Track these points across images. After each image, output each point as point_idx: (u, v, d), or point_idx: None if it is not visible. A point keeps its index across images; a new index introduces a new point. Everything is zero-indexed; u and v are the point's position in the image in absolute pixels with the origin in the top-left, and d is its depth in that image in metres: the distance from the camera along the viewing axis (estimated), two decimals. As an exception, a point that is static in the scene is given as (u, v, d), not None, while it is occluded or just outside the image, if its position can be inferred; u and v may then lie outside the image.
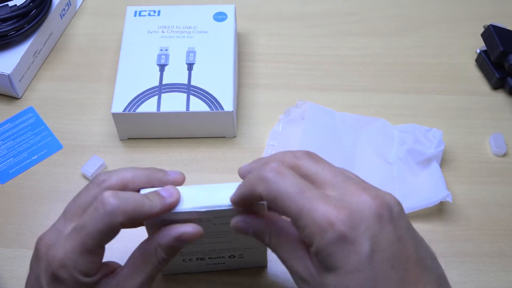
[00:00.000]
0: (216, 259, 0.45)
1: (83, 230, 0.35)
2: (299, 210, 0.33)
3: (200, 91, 0.55)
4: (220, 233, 0.40)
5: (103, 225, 0.35)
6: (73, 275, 0.36)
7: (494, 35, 0.59)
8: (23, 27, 0.59)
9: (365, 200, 0.33)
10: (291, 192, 0.33)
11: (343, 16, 0.68)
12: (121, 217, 0.35)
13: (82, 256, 0.36)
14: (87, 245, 0.35)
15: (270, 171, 0.34)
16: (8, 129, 0.58)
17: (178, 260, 0.44)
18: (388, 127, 0.57)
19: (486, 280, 0.48)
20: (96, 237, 0.35)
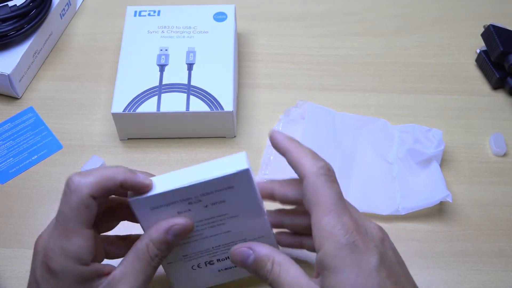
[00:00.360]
0: (225, 261, 0.43)
1: (61, 215, 0.37)
2: (330, 209, 0.36)
3: (200, 91, 0.55)
4: (216, 219, 0.40)
5: (74, 203, 0.36)
6: (64, 262, 0.36)
7: (494, 35, 0.59)
8: (23, 27, 0.59)
9: (373, 225, 0.38)
10: (332, 196, 0.37)
11: (343, 16, 0.68)
12: (85, 189, 0.36)
13: (67, 240, 0.36)
14: (68, 228, 0.36)
15: (328, 168, 0.38)
16: (8, 129, 0.58)
17: (187, 269, 0.43)
18: (388, 127, 0.57)
19: (486, 280, 0.49)
20: (72, 217, 0.36)
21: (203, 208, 0.39)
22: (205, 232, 0.41)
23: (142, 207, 0.39)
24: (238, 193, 0.39)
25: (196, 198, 0.39)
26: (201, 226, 0.41)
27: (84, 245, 0.36)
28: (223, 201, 0.39)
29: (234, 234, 0.42)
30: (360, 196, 0.52)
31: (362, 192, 0.53)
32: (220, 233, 0.41)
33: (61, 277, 0.36)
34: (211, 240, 0.42)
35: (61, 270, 0.36)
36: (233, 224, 0.41)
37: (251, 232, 0.42)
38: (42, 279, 0.37)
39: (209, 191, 0.39)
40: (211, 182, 0.38)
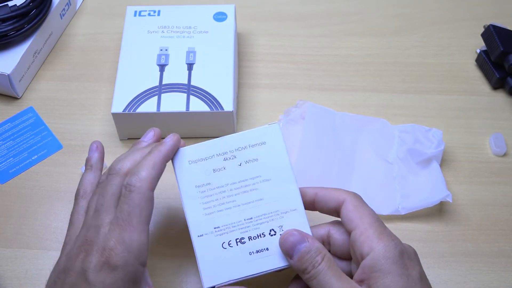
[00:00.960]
0: (257, 240, 0.42)
1: (124, 214, 0.38)
2: (373, 222, 0.40)
3: (200, 91, 0.55)
4: (249, 183, 0.42)
5: (137, 199, 0.38)
6: (126, 258, 0.37)
7: (494, 35, 0.59)
8: (23, 27, 0.59)
9: (405, 243, 0.40)
10: (372, 213, 0.41)
11: (343, 16, 0.68)
12: (145, 185, 0.39)
13: (130, 236, 0.37)
14: (132, 224, 0.38)
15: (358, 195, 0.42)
16: (8, 129, 0.58)
17: (217, 247, 0.41)
18: (388, 127, 0.57)
19: (486, 280, 0.49)
20: (136, 213, 0.38)
21: (237, 167, 0.42)
22: (238, 199, 0.42)
23: (180, 160, 0.42)
24: (270, 151, 0.42)
25: (231, 154, 0.42)
26: (235, 190, 0.42)
27: (145, 242, 0.38)
28: (256, 159, 0.42)
29: (267, 204, 0.42)
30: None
31: (362, 192, 0.52)
32: (253, 201, 0.42)
33: (120, 272, 0.37)
34: (243, 210, 0.42)
35: (124, 264, 0.37)
36: (266, 190, 0.42)
37: (284, 203, 0.42)
38: (96, 277, 0.37)
39: (243, 146, 0.42)
40: (245, 135, 0.43)
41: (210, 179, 0.42)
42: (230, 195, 0.42)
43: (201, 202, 0.42)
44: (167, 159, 0.41)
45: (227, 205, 0.42)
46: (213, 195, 0.42)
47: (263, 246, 0.41)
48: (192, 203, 0.42)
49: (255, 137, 0.43)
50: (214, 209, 0.42)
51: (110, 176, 0.41)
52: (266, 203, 0.42)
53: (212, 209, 0.42)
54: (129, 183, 0.39)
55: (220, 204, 0.42)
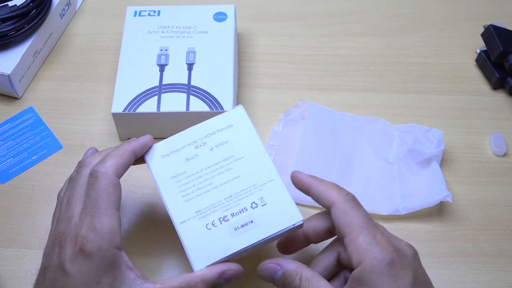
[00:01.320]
0: (240, 215, 0.42)
1: (90, 201, 0.39)
2: (363, 228, 0.39)
3: (200, 91, 0.55)
4: (223, 164, 0.43)
5: (103, 185, 0.39)
6: (99, 244, 0.37)
7: (494, 35, 0.59)
8: (23, 27, 0.59)
9: (404, 243, 0.40)
10: (362, 217, 0.40)
11: (343, 16, 0.68)
12: (110, 170, 0.40)
13: (100, 221, 0.38)
14: (100, 210, 0.38)
15: (349, 195, 0.41)
16: (8, 129, 0.58)
17: (202, 229, 0.41)
18: (388, 127, 0.57)
19: (486, 280, 0.49)
20: (104, 198, 0.38)
21: (209, 152, 0.43)
22: (214, 181, 0.42)
23: (153, 156, 0.44)
24: (238, 132, 0.44)
25: (201, 141, 0.44)
26: (210, 174, 0.43)
27: (116, 226, 0.38)
28: (226, 141, 0.44)
29: (243, 180, 0.43)
30: (360, 196, 0.52)
31: (362, 192, 0.53)
32: (230, 180, 0.43)
33: (96, 259, 0.37)
34: (222, 190, 0.42)
35: (98, 250, 0.37)
36: (241, 168, 0.43)
37: (260, 176, 0.43)
38: (73, 266, 0.37)
39: (212, 132, 0.44)
40: (212, 122, 0.44)
41: (184, 168, 0.43)
42: (206, 178, 0.43)
43: (179, 191, 0.42)
44: (136, 152, 0.42)
45: (204, 188, 0.42)
46: (190, 182, 0.43)
47: (247, 220, 0.42)
48: (170, 194, 0.42)
49: (221, 121, 0.45)
50: (192, 195, 0.42)
51: (79, 169, 0.42)
52: (243, 179, 0.43)
53: (190, 195, 0.42)
54: (95, 170, 0.40)
55: (198, 189, 0.42)
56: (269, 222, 0.41)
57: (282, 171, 0.54)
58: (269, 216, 0.42)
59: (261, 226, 0.41)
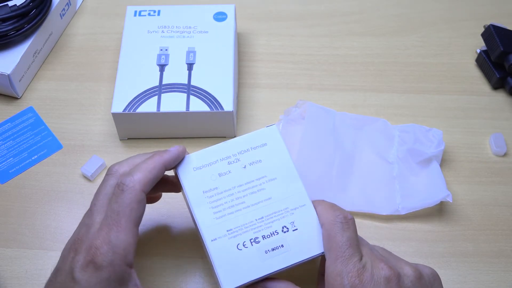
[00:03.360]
0: (271, 238, 0.41)
1: (112, 213, 0.38)
2: (338, 257, 0.39)
3: (200, 91, 0.55)
4: (255, 184, 0.43)
5: (127, 200, 0.38)
6: (111, 258, 0.37)
7: (494, 35, 0.59)
8: (23, 27, 0.59)
9: (381, 267, 0.39)
10: (343, 243, 0.39)
11: (343, 16, 0.68)
12: (138, 186, 0.39)
13: (117, 236, 0.37)
14: (120, 224, 0.38)
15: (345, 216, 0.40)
16: (8, 129, 0.58)
17: (232, 249, 0.41)
18: (388, 127, 0.57)
19: (486, 280, 0.49)
20: (126, 213, 0.38)
21: (242, 169, 0.43)
22: (247, 200, 0.42)
23: (185, 168, 0.43)
24: (272, 152, 0.44)
25: (235, 157, 0.43)
26: (243, 192, 0.42)
27: (132, 243, 0.38)
28: (260, 160, 0.43)
29: (276, 203, 0.42)
30: (360, 196, 0.52)
31: (362, 192, 0.53)
32: (262, 201, 0.42)
33: (105, 272, 0.37)
34: (254, 210, 0.42)
35: (108, 265, 0.37)
36: (273, 189, 0.43)
37: (292, 200, 0.43)
38: (82, 275, 0.37)
39: (246, 148, 0.44)
40: (246, 138, 0.44)
41: (216, 183, 0.42)
42: (239, 197, 0.42)
43: (210, 207, 0.42)
44: (166, 166, 0.41)
45: (237, 207, 0.42)
46: (222, 199, 0.42)
47: (278, 243, 0.41)
48: (201, 209, 0.42)
49: (256, 139, 0.44)
50: (224, 212, 0.42)
51: (107, 177, 0.41)
52: (275, 202, 0.42)
53: (222, 212, 0.42)
54: (122, 182, 0.39)
55: (230, 207, 0.42)
56: (299, 248, 0.41)
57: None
58: (299, 242, 0.41)
59: (291, 251, 0.41)
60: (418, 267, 0.40)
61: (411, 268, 0.39)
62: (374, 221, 0.52)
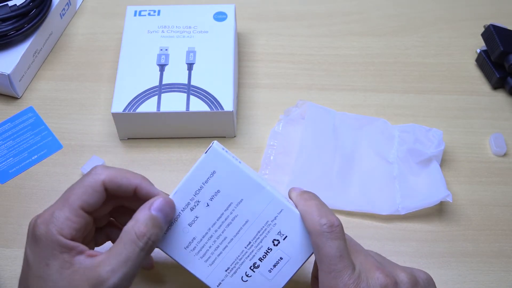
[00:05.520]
0: (268, 256, 0.42)
1: (68, 191, 0.38)
2: (329, 272, 0.38)
3: (200, 91, 0.55)
4: (226, 214, 0.41)
5: (86, 182, 0.38)
6: (48, 228, 0.36)
7: (494, 35, 0.59)
8: (23, 27, 0.59)
9: (377, 276, 0.38)
10: (332, 255, 0.38)
11: (343, 16, 0.68)
12: (102, 176, 0.38)
13: (61, 210, 0.37)
14: (68, 200, 0.37)
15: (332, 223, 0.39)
16: (8, 129, 0.58)
17: (239, 283, 0.42)
18: (388, 127, 0.57)
19: (486, 280, 0.49)
20: (77, 193, 0.38)
21: (206, 208, 0.41)
22: (227, 234, 0.41)
23: None
24: (224, 175, 0.40)
25: (193, 201, 0.41)
26: (219, 229, 0.41)
27: (71, 220, 0.37)
28: (218, 190, 0.41)
29: (254, 223, 0.41)
30: (360, 196, 0.52)
31: (362, 192, 0.53)
32: (241, 228, 0.41)
33: (43, 244, 0.36)
34: (238, 240, 0.41)
35: (44, 235, 0.36)
36: (245, 211, 0.41)
37: (268, 211, 0.41)
38: (29, 250, 0.37)
39: (198, 187, 0.41)
40: (192, 177, 0.40)
41: (191, 234, 0.41)
42: (218, 235, 0.41)
43: (199, 258, 0.41)
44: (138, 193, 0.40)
45: (222, 245, 0.41)
46: (205, 246, 0.41)
47: (276, 258, 0.41)
48: (193, 264, 0.41)
49: (203, 172, 0.41)
50: (214, 257, 0.41)
51: (86, 176, 0.40)
52: (254, 222, 0.41)
53: (212, 257, 0.41)
54: (95, 168, 0.39)
55: (216, 249, 0.41)
56: (297, 251, 0.41)
57: (282, 171, 0.54)
58: (294, 246, 0.41)
59: (291, 258, 0.41)
60: (413, 273, 0.40)
61: (406, 274, 0.39)
62: (374, 221, 0.52)
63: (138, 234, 0.37)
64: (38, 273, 0.36)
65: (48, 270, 0.36)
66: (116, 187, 0.39)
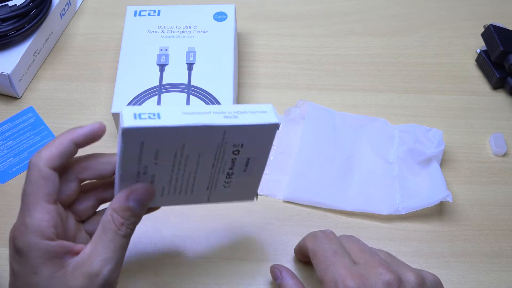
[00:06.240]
0: None
1: (24, 194, 0.37)
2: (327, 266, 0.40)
3: (200, 91, 0.55)
4: (178, 163, 0.39)
5: (33, 177, 0.36)
6: (28, 238, 0.36)
7: (494, 35, 0.59)
8: (23, 27, 0.59)
9: (380, 272, 0.38)
10: (328, 252, 0.41)
11: (343, 16, 0.68)
12: (42, 161, 0.36)
13: (29, 215, 0.36)
14: (29, 203, 0.36)
15: (321, 232, 0.43)
16: (8, 129, 0.58)
17: None
18: (388, 127, 0.57)
19: (486, 280, 0.49)
20: (32, 191, 0.36)
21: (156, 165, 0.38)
22: (189, 170, 0.40)
23: None
24: (153, 139, 0.37)
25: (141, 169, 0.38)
26: (179, 171, 0.39)
27: (45, 219, 0.36)
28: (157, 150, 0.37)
29: (207, 152, 0.39)
30: (360, 195, 0.52)
31: (362, 191, 0.53)
32: (198, 160, 0.39)
33: (27, 255, 0.36)
34: (202, 169, 0.40)
35: (26, 247, 0.36)
36: (192, 149, 0.38)
37: (213, 139, 0.38)
38: (13, 261, 0.37)
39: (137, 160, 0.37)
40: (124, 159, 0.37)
41: (158, 186, 0.41)
42: (182, 174, 0.40)
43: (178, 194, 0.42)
44: (76, 141, 0.38)
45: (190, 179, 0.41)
46: (176, 186, 0.41)
47: (244, 160, 0.41)
48: (175, 200, 0.42)
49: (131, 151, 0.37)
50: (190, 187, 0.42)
51: (28, 171, 0.39)
52: (205, 152, 0.39)
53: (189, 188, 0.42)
54: (29, 161, 0.37)
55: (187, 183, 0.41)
56: (260, 146, 0.40)
57: (282, 171, 0.54)
58: (255, 144, 0.39)
59: (257, 154, 0.40)
60: (421, 273, 0.40)
61: (413, 274, 0.39)
62: (374, 221, 0.52)
63: (118, 225, 0.37)
64: (27, 282, 0.36)
65: (36, 277, 0.36)
66: (61, 158, 0.37)
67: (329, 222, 0.52)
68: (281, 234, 0.51)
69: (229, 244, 0.50)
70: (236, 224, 0.51)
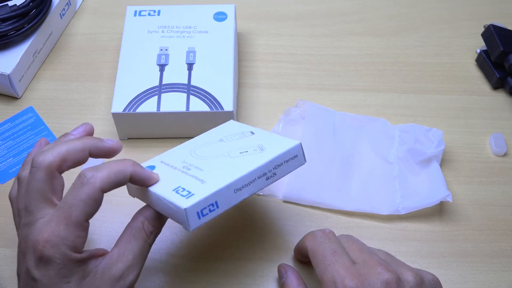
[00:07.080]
0: None
1: (66, 205, 0.37)
2: (326, 266, 0.40)
3: (200, 91, 0.55)
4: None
5: (84, 195, 0.37)
6: (62, 250, 0.36)
7: (494, 35, 0.59)
8: (23, 27, 0.59)
9: (379, 271, 0.38)
10: (327, 252, 0.41)
11: (343, 16, 0.68)
12: (98, 184, 0.37)
13: (67, 229, 0.36)
14: (71, 217, 0.37)
15: (320, 232, 0.43)
16: (8, 129, 0.58)
17: None
18: (388, 127, 0.57)
19: (486, 280, 0.49)
20: (79, 208, 0.37)
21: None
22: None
23: None
24: None
25: None
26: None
27: (82, 236, 0.37)
28: None
29: None
30: (360, 195, 0.52)
31: (362, 191, 0.53)
32: None
33: (58, 265, 0.36)
34: None
35: (58, 258, 0.36)
36: None
37: None
38: (35, 269, 0.37)
39: None
40: None
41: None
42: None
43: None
44: (133, 178, 0.40)
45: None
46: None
47: None
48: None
49: None
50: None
51: (33, 170, 0.39)
52: None
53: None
54: (84, 175, 0.37)
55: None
56: None
57: (282, 171, 0.54)
58: None
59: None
60: (420, 273, 0.40)
61: (412, 273, 0.39)
62: (374, 221, 0.52)
63: (148, 233, 0.40)
64: None
65: (69, 286, 0.37)
66: (113, 186, 0.39)
67: (329, 222, 0.52)
68: (281, 234, 0.51)
69: (229, 244, 0.50)
70: (236, 224, 0.51)
